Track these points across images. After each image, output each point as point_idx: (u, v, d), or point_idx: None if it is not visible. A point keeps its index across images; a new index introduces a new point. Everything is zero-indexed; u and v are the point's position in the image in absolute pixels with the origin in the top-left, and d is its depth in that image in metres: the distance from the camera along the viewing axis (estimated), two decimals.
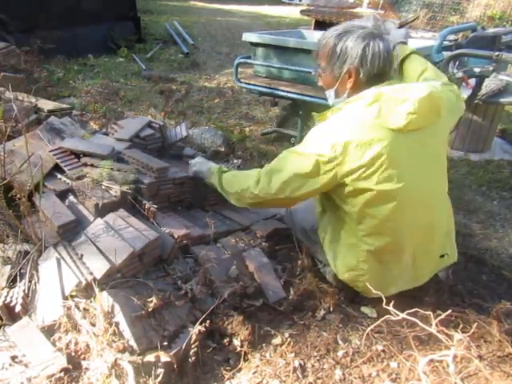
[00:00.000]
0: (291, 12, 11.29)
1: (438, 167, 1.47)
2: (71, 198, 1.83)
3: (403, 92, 1.32)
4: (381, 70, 1.38)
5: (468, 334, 1.02)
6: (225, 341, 1.46)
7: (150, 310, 1.38)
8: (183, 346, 1.33)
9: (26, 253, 1.58)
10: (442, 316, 1.00)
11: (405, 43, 1.71)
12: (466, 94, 2.44)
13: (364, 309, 1.65)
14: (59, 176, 1.93)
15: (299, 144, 1.46)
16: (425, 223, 1.45)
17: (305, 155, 1.38)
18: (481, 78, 2.35)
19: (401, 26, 1.87)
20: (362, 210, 1.39)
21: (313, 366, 1.39)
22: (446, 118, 1.44)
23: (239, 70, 2.85)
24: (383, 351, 1.45)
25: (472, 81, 2.40)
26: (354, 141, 1.30)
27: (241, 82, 2.85)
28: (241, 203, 1.62)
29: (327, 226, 1.58)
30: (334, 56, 1.41)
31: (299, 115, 2.90)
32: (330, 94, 1.51)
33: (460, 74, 2.23)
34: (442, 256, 1.56)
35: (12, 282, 1.51)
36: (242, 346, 1.42)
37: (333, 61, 1.42)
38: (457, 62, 2.29)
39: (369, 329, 1.19)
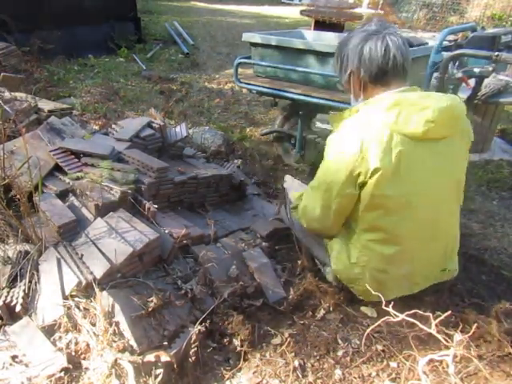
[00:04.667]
0: (291, 12, 11.30)
1: (449, 180, 1.45)
2: (71, 198, 1.83)
3: (425, 99, 1.31)
4: (382, 67, 1.36)
5: (468, 334, 1.02)
6: (225, 341, 1.46)
7: (149, 309, 1.38)
8: (183, 346, 1.33)
9: (27, 253, 1.58)
10: (442, 317, 1.00)
11: None
12: (465, 94, 2.44)
13: (364, 309, 1.65)
14: (59, 176, 1.94)
15: (323, 163, 1.46)
16: (430, 233, 1.44)
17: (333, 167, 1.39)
18: (480, 78, 2.34)
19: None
20: (371, 218, 1.39)
21: (313, 365, 1.39)
22: (466, 130, 1.43)
23: (239, 70, 2.85)
24: (383, 351, 1.45)
25: (472, 81, 2.40)
26: (371, 142, 1.30)
27: (241, 82, 2.85)
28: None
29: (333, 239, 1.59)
30: (340, 62, 1.45)
31: (299, 115, 2.90)
32: (351, 98, 1.54)
33: (460, 75, 2.23)
34: (443, 270, 1.56)
35: (12, 281, 1.51)
36: (241, 346, 1.42)
37: (340, 67, 1.46)
38: (456, 63, 2.29)
39: (369, 329, 1.19)
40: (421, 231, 1.42)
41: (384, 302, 1.06)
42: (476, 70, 2.21)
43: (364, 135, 1.31)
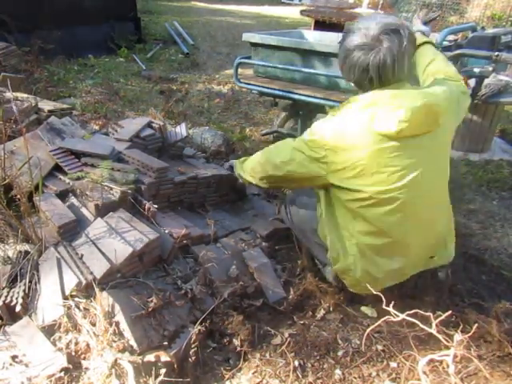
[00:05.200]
0: (291, 12, 11.30)
1: (437, 172, 1.46)
2: (71, 198, 1.83)
3: (400, 98, 1.31)
4: (357, 80, 1.38)
5: (468, 334, 1.02)
6: (225, 341, 1.46)
7: (149, 309, 1.38)
8: (183, 346, 1.33)
9: (27, 253, 1.58)
10: (442, 317, 1.00)
11: (424, 35, 1.75)
12: None
13: (364, 309, 1.65)
14: (59, 176, 1.94)
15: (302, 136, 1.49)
16: (420, 226, 1.45)
17: (298, 151, 1.45)
18: (480, 78, 2.35)
19: (426, 23, 1.88)
20: (358, 211, 1.40)
21: (312, 365, 1.40)
22: (448, 122, 1.43)
23: (239, 70, 2.85)
24: (383, 351, 1.45)
25: (472, 81, 2.40)
26: (341, 142, 1.33)
27: (241, 82, 2.85)
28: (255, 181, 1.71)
29: (326, 221, 1.59)
30: (339, 59, 1.46)
31: (299, 115, 2.90)
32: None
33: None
34: (431, 257, 1.56)
35: (12, 281, 1.51)
36: (241, 346, 1.42)
37: (339, 63, 1.47)
38: (457, 63, 2.29)
39: (369, 329, 1.19)
40: (410, 224, 1.42)
41: (384, 302, 1.06)
42: (476, 69, 2.21)
43: (338, 130, 1.35)
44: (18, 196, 1.57)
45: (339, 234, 1.51)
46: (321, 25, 5.83)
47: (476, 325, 1.13)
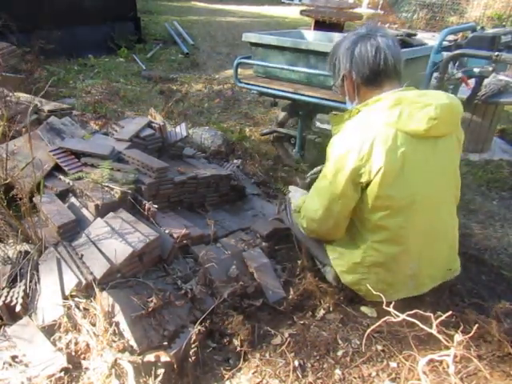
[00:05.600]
0: (291, 12, 11.30)
1: (448, 179, 1.46)
2: (71, 198, 1.83)
3: (425, 97, 1.31)
4: (374, 69, 1.36)
5: (468, 334, 1.02)
6: (225, 341, 1.46)
7: (149, 309, 1.38)
8: (183, 346, 1.33)
9: (26, 253, 1.58)
10: (442, 317, 1.00)
11: None
12: (465, 94, 2.44)
13: (364, 309, 1.65)
14: (59, 176, 1.94)
15: (326, 165, 1.45)
16: (433, 232, 1.45)
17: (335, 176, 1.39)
18: (480, 79, 2.34)
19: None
20: (377, 219, 1.38)
21: (312, 365, 1.39)
22: (459, 133, 1.44)
23: (239, 70, 2.85)
24: (383, 351, 1.45)
25: (471, 81, 2.39)
26: (374, 142, 1.30)
27: (241, 82, 2.85)
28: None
29: (338, 241, 1.58)
30: (333, 67, 1.47)
31: (299, 115, 2.90)
32: (347, 102, 1.55)
33: (459, 75, 2.23)
34: (449, 269, 1.56)
35: (12, 281, 1.51)
36: (241, 346, 1.42)
37: (333, 71, 1.48)
38: (456, 63, 2.29)
39: (369, 329, 1.19)
40: (425, 230, 1.42)
41: (385, 302, 1.06)
42: (476, 70, 2.21)
43: (367, 135, 1.31)
44: (19, 196, 1.57)
45: (350, 248, 1.50)
46: (321, 25, 5.83)
47: (476, 325, 1.12)
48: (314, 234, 1.63)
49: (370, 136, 1.30)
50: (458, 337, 0.98)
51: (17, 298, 1.43)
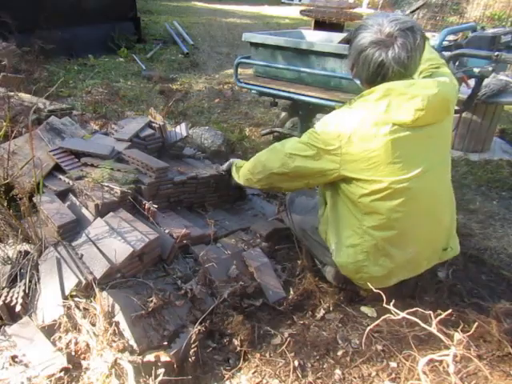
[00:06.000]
0: (291, 12, 11.30)
1: (443, 161, 1.48)
2: (71, 198, 1.83)
3: (413, 87, 1.32)
4: (372, 78, 1.37)
5: (468, 333, 1.02)
6: (225, 341, 1.46)
7: (149, 309, 1.38)
8: (183, 346, 1.33)
9: (26, 253, 1.58)
10: (442, 316, 1.00)
11: None
12: (465, 94, 2.44)
13: (364, 308, 1.65)
14: (59, 176, 1.94)
15: (310, 131, 1.47)
16: (430, 216, 1.46)
17: (309, 145, 1.43)
18: (480, 78, 2.34)
19: (412, 11, 1.88)
20: (370, 203, 1.39)
21: (312, 365, 1.40)
22: (453, 111, 1.46)
23: (239, 70, 2.85)
24: (383, 351, 1.45)
25: (471, 81, 2.40)
26: (358, 133, 1.32)
27: (241, 82, 2.85)
28: (251, 183, 1.73)
29: (330, 222, 1.58)
30: (348, 48, 1.45)
31: (299, 115, 2.90)
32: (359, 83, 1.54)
33: (460, 74, 2.23)
34: (445, 249, 1.57)
35: (12, 281, 1.51)
36: (241, 346, 1.42)
37: (348, 52, 1.46)
38: (456, 63, 2.29)
39: (368, 328, 1.19)
40: (421, 213, 1.43)
41: (385, 300, 1.06)
42: (476, 69, 2.21)
43: (353, 119, 1.34)
44: (20, 196, 1.57)
45: (348, 235, 1.50)
46: (321, 25, 5.83)
47: (476, 324, 1.13)
48: (249, 181, 1.75)
49: (355, 125, 1.33)
50: (458, 336, 0.98)
51: (17, 298, 1.43)
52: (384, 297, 1.09)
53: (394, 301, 1.05)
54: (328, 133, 1.38)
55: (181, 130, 2.33)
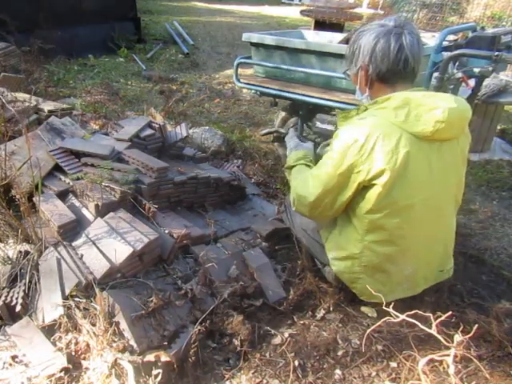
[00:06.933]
0: (291, 12, 11.29)
1: (450, 182, 1.45)
2: (71, 198, 1.83)
3: (433, 99, 1.30)
4: (392, 68, 1.34)
5: (468, 334, 1.02)
6: (225, 341, 1.46)
7: (150, 309, 1.38)
8: (183, 346, 1.33)
9: (26, 253, 1.58)
10: (442, 318, 1.00)
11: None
12: (465, 94, 2.44)
13: (364, 309, 1.65)
14: (59, 176, 1.94)
15: (328, 153, 1.42)
16: (432, 235, 1.44)
17: (335, 166, 1.37)
18: (480, 78, 2.34)
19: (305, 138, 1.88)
20: (377, 221, 1.37)
21: (312, 365, 1.39)
22: (466, 137, 1.44)
23: (239, 70, 2.85)
24: (383, 351, 1.45)
25: (472, 81, 2.39)
26: (378, 140, 1.28)
27: (241, 82, 2.85)
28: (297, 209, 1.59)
29: (332, 228, 1.57)
30: (352, 54, 1.42)
31: (299, 115, 2.90)
32: (357, 91, 1.52)
33: (460, 75, 2.23)
34: (441, 271, 1.56)
35: (12, 281, 1.51)
36: (241, 346, 1.42)
37: (351, 58, 1.43)
38: (456, 63, 2.28)
39: (369, 329, 1.19)
40: (423, 232, 1.42)
41: (384, 302, 1.06)
42: (476, 70, 2.20)
43: (372, 132, 1.29)
44: (18, 196, 1.57)
45: (347, 247, 1.49)
46: (321, 25, 5.83)
47: (476, 325, 1.13)
48: (301, 214, 1.59)
49: (375, 133, 1.29)
50: (458, 337, 0.98)
51: (17, 298, 1.43)
52: (383, 299, 1.09)
53: (393, 302, 1.04)
54: (348, 146, 1.32)
55: (181, 130, 2.33)
